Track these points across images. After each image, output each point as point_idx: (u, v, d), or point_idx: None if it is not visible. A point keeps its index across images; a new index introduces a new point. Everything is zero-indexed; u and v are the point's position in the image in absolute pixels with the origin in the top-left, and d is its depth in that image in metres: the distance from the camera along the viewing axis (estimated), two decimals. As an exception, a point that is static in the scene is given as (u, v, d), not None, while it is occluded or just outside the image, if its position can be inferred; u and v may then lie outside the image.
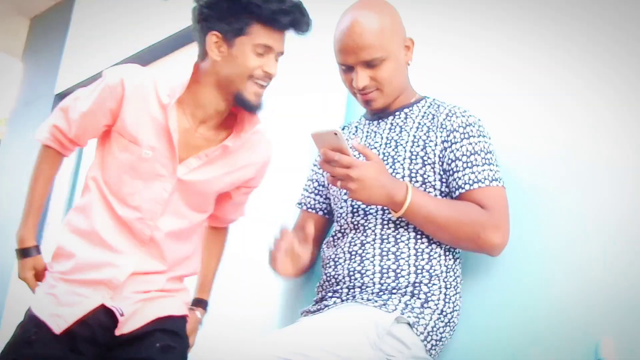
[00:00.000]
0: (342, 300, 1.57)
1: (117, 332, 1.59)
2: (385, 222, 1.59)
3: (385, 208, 1.59)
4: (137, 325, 1.61)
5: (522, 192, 1.65)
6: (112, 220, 1.65)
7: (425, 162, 1.59)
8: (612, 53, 1.62)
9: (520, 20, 1.82)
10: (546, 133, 1.68)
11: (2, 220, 3.80)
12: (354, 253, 1.59)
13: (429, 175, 1.59)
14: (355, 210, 1.64)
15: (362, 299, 1.53)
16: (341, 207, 1.69)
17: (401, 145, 1.63)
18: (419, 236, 1.57)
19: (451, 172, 1.58)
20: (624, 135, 1.56)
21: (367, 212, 1.62)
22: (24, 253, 1.73)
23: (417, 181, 1.59)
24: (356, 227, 1.63)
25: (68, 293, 1.60)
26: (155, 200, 1.65)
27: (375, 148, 1.67)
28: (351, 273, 1.58)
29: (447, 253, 1.59)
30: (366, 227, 1.61)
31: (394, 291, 1.52)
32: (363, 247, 1.59)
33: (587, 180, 1.58)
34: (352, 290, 1.57)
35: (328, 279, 1.63)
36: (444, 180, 1.59)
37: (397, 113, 1.70)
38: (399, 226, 1.58)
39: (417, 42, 1.72)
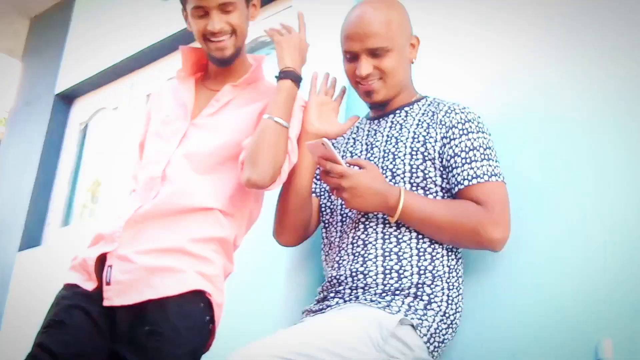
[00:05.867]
0: (345, 301, 1.57)
1: (107, 303, 1.55)
2: (387, 221, 1.59)
3: None
4: (129, 302, 1.55)
5: (522, 192, 1.65)
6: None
7: (426, 158, 1.60)
8: (613, 53, 1.63)
9: (521, 20, 1.82)
10: (546, 133, 1.69)
11: (2, 220, 3.80)
12: (357, 254, 1.60)
13: (429, 171, 1.60)
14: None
15: (365, 299, 1.53)
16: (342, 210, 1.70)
17: (401, 141, 1.64)
18: (420, 236, 1.57)
19: (450, 168, 1.58)
20: (624, 134, 1.56)
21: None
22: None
23: (418, 177, 1.60)
24: (357, 226, 1.63)
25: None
26: (171, 141, 1.73)
27: (376, 146, 1.68)
28: (354, 274, 1.58)
29: (450, 253, 1.59)
30: (367, 227, 1.61)
31: (397, 292, 1.52)
32: (365, 248, 1.59)
33: (587, 179, 1.58)
34: (354, 291, 1.57)
35: (330, 279, 1.63)
36: (444, 176, 1.60)
37: (398, 111, 1.70)
38: (400, 224, 1.58)
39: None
